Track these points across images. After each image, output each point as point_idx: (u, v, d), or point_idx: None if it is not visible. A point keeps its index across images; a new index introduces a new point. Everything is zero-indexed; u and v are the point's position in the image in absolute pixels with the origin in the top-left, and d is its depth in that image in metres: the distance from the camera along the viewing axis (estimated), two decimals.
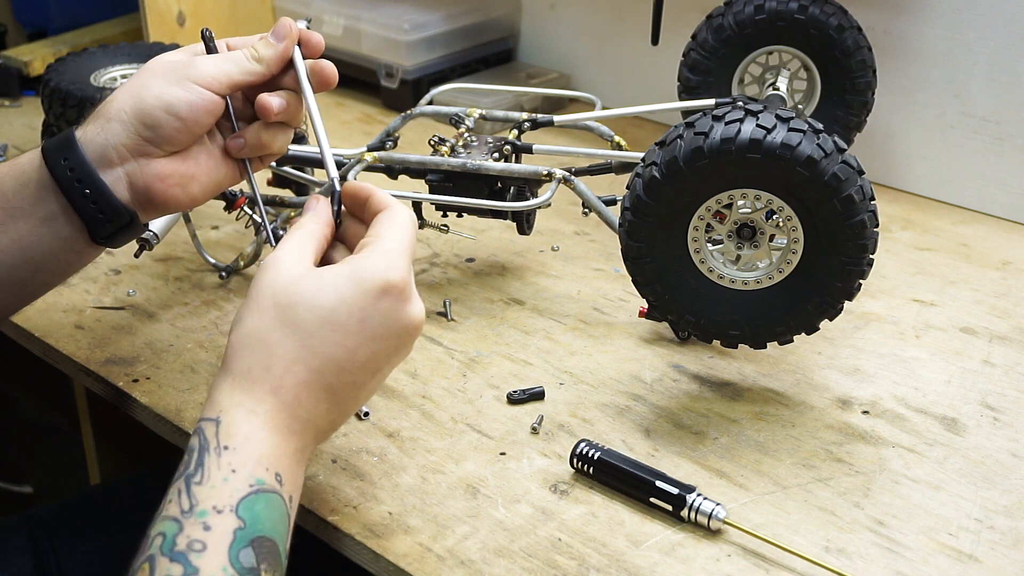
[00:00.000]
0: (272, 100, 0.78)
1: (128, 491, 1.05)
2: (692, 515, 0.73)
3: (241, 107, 0.81)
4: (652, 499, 0.74)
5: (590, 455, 0.77)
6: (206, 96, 0.76)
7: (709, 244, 0.82)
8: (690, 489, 0.73)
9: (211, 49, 0.80)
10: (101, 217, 0.76)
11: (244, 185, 0.85)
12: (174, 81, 0.76)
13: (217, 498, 0.60)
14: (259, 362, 0.65)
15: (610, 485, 0.76)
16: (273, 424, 0.64)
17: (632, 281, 0.84)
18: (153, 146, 0.76)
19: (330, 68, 0.80)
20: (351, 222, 0.72)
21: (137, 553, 0.60)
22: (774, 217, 0.80)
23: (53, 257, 0.79)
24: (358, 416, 0.84)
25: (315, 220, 0.71)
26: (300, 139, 1.14)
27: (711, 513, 0.72)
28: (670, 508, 0.73)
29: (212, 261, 1.05)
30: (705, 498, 0.73)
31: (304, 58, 0.79)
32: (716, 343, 0.86)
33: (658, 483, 0.74)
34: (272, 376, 0.65)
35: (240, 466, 0.61)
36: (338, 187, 0.73)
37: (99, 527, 0.99)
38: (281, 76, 0.80)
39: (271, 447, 0.63)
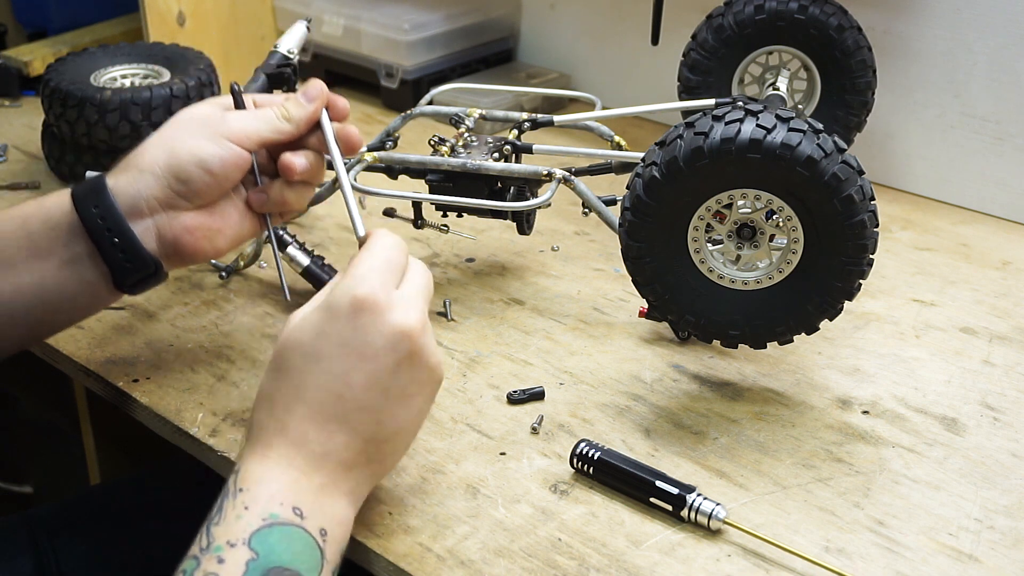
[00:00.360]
0: (296, 160, 0.80)
1: (128, 491, 1.05)
2: (692, 515, 0.73)
3: (264, 163, 0.83)
4: (652, 499, 0.74)
5: (590, 455, 0.77)
6: (236, 152, 0.78)
7: (709, 244, 0.82)
8: (690, 489, 0.73)
9: (239, 104, 0.81)
10: (128, 266, 0.78)
11: None
12: (207, 136, 0.78)
13: (231, 533, 0.62)
14: (265, 412, 0.67)
15: (610, 485, 0.76)
16: (286, 463, 0.65)
17: (632, 281, 0.84)
18: (184, 199, 0.78)
19: (356, 136, 0.83)
20: None
21: None
22: (774, 217, 0.80)
23: (72, 299, 0.80)
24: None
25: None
26: None
27: (711, 513, 0.72)
28: (670, 508, 0.73)
29: (212, 261, 1.05)
30: (705, 498, 0.73)
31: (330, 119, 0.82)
32: (716, 343, 0.86)
33: (658, 483, 0.74)
34: (276, 420, 0.67)
35: (252, 503, 0.63)
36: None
37: (99, 527, 0.99)
38: (307, 135, 0.82)
39: (287, 484, 0.65)
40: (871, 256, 0.79)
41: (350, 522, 0.68)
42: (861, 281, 0.80)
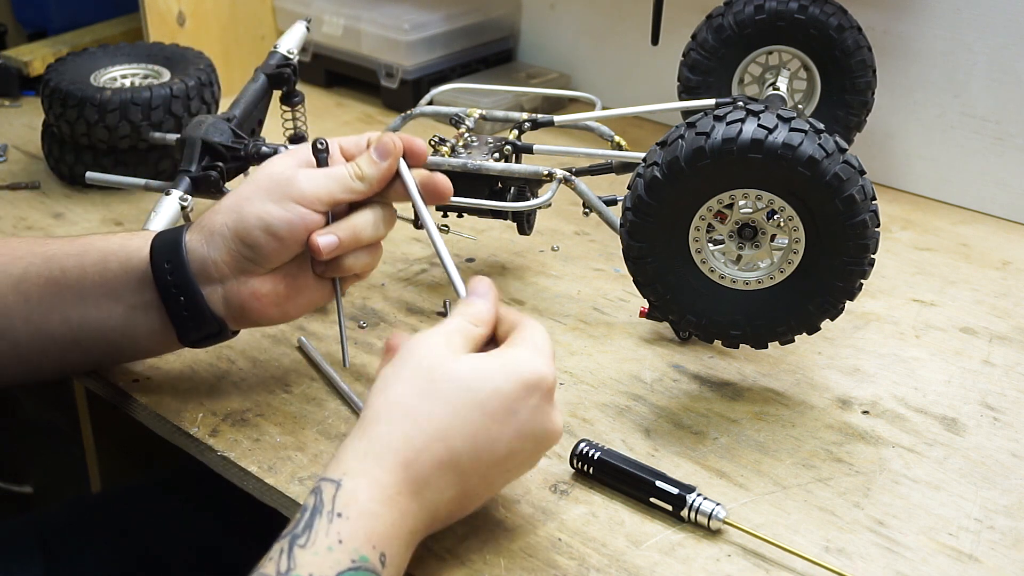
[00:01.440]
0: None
1: (139, 498, 1.05)
2: (692, 515, 0.73)
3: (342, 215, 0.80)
4: (652, 499, 0.74)
5: (590, 455, 0.77)
6: (305, 215, 0.76)
7: (710, 244, 0.82)
8: (690, 489, 0.73)
9: (321, 162, 0.78)
10: (191, 325, 0.78)
11: None
12: (276, 199, 0.76)
13: (316, 566, 0.58)
14: (401, 432, 0.63)
15: (610, 485, 0.76)
16: (395, 501, 0.62)
17: (633, 281, 0.84)
18: (253, 264, 0.77)
19: (444, 183, 0.79)
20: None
21: None
22: (775, 217, 0.80)
23: (135, 344, 0.81)
24: None
25: (475, 317, 0.70)
26: (299, 139, 1.14)
27: (711, 513, 0.72)
28: (670, 508, 0.73)
29: None
30: (705, 498, 0.73)
31: (409, 167, 0.79)
32: (717, 343, 0.86)
33: (658, 483, 0.74)
34: (410, 448, 0.63)
35: (349, 538, 0.59)
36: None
37: (110, 534, 0.99)
38: (387, 189, 0.79)
39: (386, 524, 0.61)
40: (872, 256, 0.79)
41: (404, 573, 0.65)
42: (862, 281, 0.80)
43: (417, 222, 1.00)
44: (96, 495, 1.12)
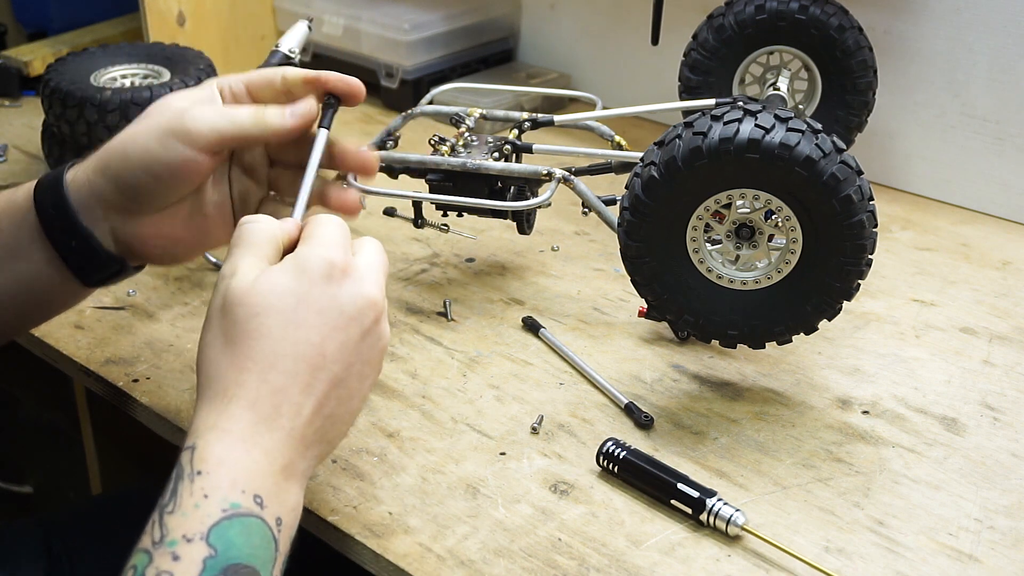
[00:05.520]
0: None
1: (144, 499, 1.05)
2: (711, 519, 0.72)
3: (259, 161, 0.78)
4: (673, 501, 0.74)
5: (616, 454, 0.77)
6: (191, 158, 0.72)
7: (708, 244, 0.82)
8: (711, 493, 0.73)
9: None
10: (89, 267, 0.75)
11: None
12: (160, 137, 0.72)
13: (187, 526, 0.57)
14: (231, 379, 0.62)
15: (633, 484, 0.76)
16: (252, 441, 0.61)
17: (631, 281, 0.84)
18: (135, 203, 0.74)
19: (371, 160, 0.78)
20: None
21: None
22: (773, 217, 0.80)
23: (49, 295, 0.78)
24: None
25: (258, 226, 0.67)
26: None
27: (729, 518, 0.72)
28: (690, 511, 0.73)
29: (213, 260, 1.05)
30: (725, 503, 0.73)
31: (347, 106, 0.77)
32: (715, 343, 0.86)
33: (679, 486, 0.74)
34: (243, 389, 0.62)
35: (213, 490, 0.58)
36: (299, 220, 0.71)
37: (113, 535, 0.99)
38: (292, 147, 0.77)
39: (248, 466, 0.60)
40: (870, 256, 0.79)
41: (300, 508, 0.64)
42: (860, 281, 0.80)
43: (417, 221, 1.00)
44: (98, 496, 1.12)
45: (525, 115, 1.05)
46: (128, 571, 0.57)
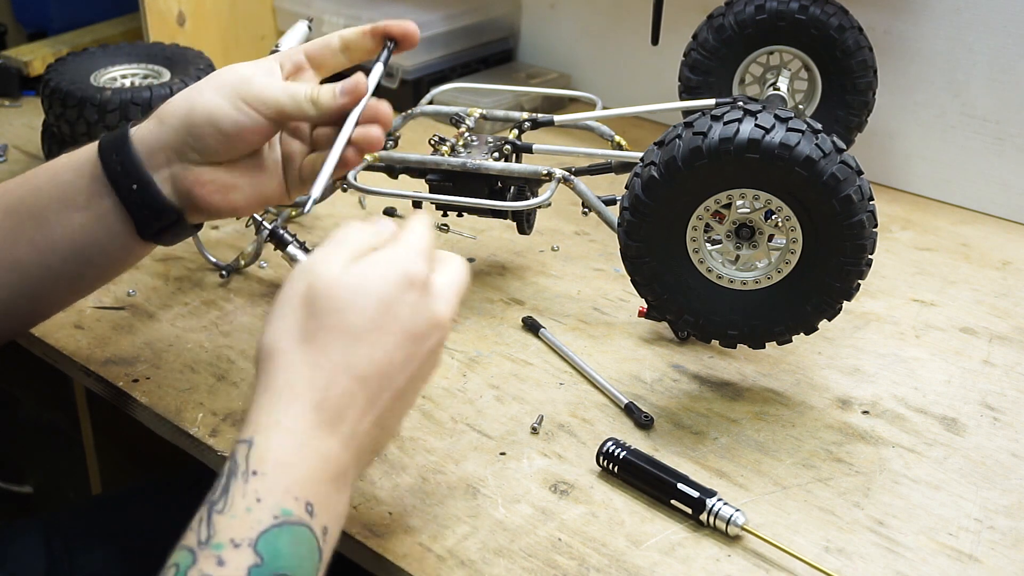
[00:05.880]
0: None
1: (144, 498, 1.05)
2: (711, 519, 0.73)
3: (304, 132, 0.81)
4: (673, 501, 0.74)
5: (616, 454, 0.77)
6: (254, 119, 0.76)
7: (708, 244, 0.82)
8: (711, 493, 0.73)
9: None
10: (147, 213, 0.77)
11: None
12: (228, 97, 0.76)
13: (236, 530, 0.55)
14: (303, 375, 0.60)
15: (633, 484, 0.76)
16: (310, 446, 0.59)
17: (631, 281, 0.84)
18: (196, 153, 0.77)
19: (377, 137, 0.80)
20: None
21: None
22: (773, 217, 0.80)
23: (104, 252, 0.79)
24: None
25: (354, 227, 0.67)
26: None
27: (729, 518, 0.72)
28: (690, 511, 0.73)
29: (213, 260, 1.05)
30: (725, 503, 0.73)
31: (402, 50, 0.87)
32: (715, 343, 0.86)
33: (679, 485, 0.74)
34: (315, 390, 0.60)
35: (267, 495, 0.57)
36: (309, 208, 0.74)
37: (114, 534, 0.99)
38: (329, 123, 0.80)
39: (304, 472, 0.58)
40: (870, 256, 0.79)
41: (345, 516, 0.62)
42: (860, 281, 0.80)
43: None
44: (97, 496, 1.12)
45: (525, 115, 1.05)
46: (170, 569, 0.55)
